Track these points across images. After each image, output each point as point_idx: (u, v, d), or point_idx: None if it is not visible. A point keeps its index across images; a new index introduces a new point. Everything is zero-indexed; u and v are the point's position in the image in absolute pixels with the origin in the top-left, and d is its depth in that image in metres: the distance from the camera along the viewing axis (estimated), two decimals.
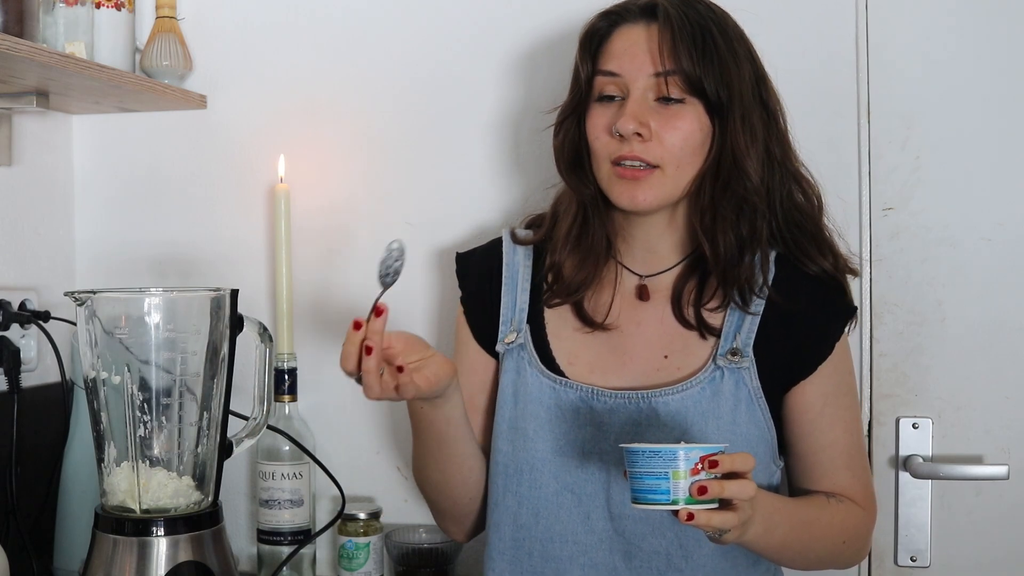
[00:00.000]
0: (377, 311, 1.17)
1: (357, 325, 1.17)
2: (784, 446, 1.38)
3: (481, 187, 1.69)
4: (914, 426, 1.58)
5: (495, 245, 1.47)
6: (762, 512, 1.18)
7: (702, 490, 1.10)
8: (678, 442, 1.13)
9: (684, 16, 1.29)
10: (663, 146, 1.28)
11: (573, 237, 1.39)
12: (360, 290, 1.73)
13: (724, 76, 1.28)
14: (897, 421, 1.58)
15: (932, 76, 1.56)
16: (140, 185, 1.81)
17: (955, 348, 1.57)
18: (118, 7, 1.65)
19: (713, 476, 1.11)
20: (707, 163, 1.31)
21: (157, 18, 1.72)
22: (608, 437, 1.33)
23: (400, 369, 1.17)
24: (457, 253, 1.51)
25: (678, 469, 1.10)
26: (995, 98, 1.55)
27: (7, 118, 1.63)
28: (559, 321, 1.40)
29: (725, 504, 1.12)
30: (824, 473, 1.36)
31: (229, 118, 1.77)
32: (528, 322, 1.40)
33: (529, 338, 1.40)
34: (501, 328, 1.42)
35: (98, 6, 1.63)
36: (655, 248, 1.38)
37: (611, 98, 1.32)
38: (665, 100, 1.29)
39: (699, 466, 1.10)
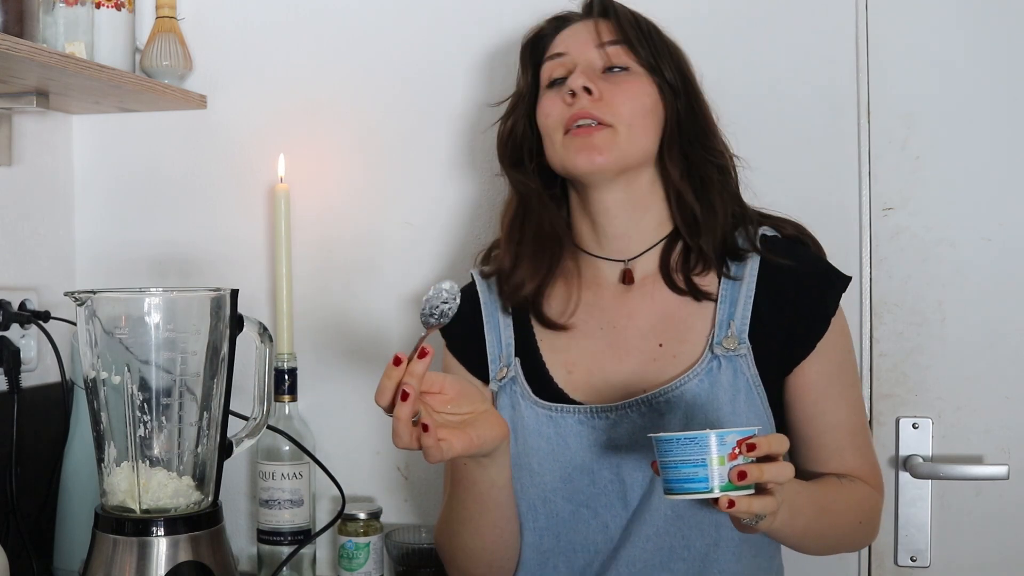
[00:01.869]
0: (421, 352, 1.09)
1: (397, 361, 1.09)
2: (787, 431, 1.36)
3: (482, 187, 1.69)
4: (914, 426, 1.58)
5: (470, 288, 1.44)
6: (787, 496, 1.16)
7: (742, 475, 1.06)
8: (703, 428, 1.09)
9: (624, 11, 1.38)
10: (613, 105, 1.32)
11: (516, 231, 1.39)
12: (361, 289, 1.73)
13: (664, 54, 1.35)
14: (897, 421, 1.58)
15: (932, 76, 1.56)
16: (140, 185, 1.81)
17: (955, 348, 1.57)
18: (118, 7, 1.65)
19: (750, 460, 1.07)
20: (667, 129, 1.35)
21: (157, 18, 1.72)
22: (617, 448, 1.31)
23: (425, 428, 1.09)
24: None
25: (716, 455, 1.06)
26: (995, 98, 1.55)
27: (7, 118, 1.63)
28: (551, 336, 1.38)
29: (760, 489, 1.09)
30: (831, 455, 1.34)
31: (229, 118, 1.77)
32: (517, 355, 1.39)
33: (519, 370, 1.38)
34: (491, 367, 1.40)
35: (98, 6, 1.63)
36: (630, 234, 1.37)
37: (561, 81, 1.35)
38: (610, 68, 1.34)
39: (736, 451, 1.07)
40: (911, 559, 1.58)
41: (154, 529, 1.28)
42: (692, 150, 1.35)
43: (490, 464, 1.23)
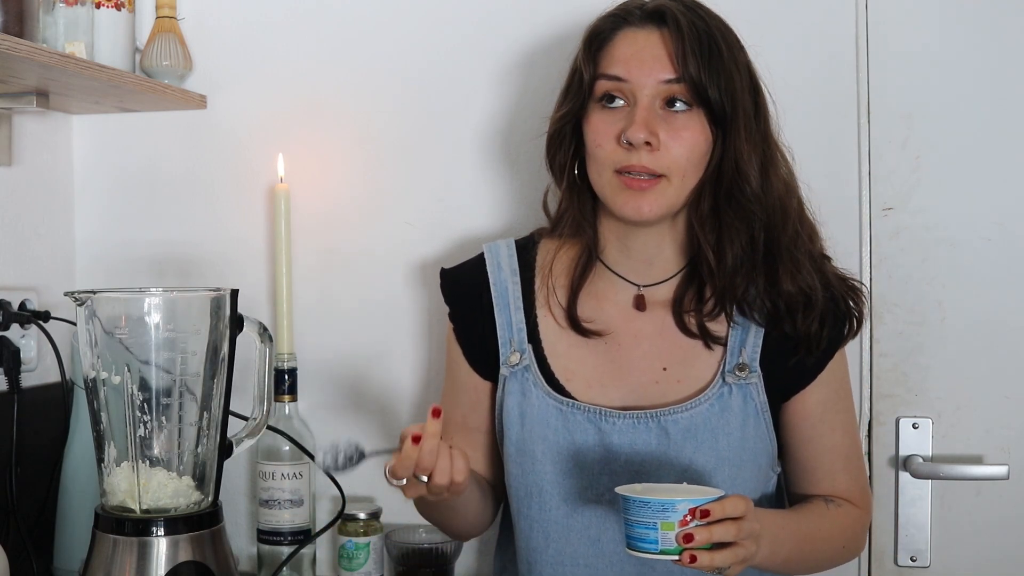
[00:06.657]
0: (435, 412, 1.15)
1: (416, 439, 1.15)
2: (781, 451, 1.38)
3: (481, 187, 1.69)
4: (914, 426, 1.58)
5: (479, 262, 1.44)
6: (768, 533, 1.19)
7: (688, 538, 1.10)
8: (680, 482, 1.12)
9: (692, 23, 1.27)
10: (670, 156, 1.26)
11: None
12: (361, 289, 1.73)
13: (728, 85, 1.26)
14: (897, 421, 1.58)
15: (932, 76, 1.56)
16: (140, 185, 1.81)
17: (955, 348, 1.57)
18: (118, 7, 1.65)
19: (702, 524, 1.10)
20: (707, 172, 1.29)
21: (157, 18, 1.72)
22: (618, 458, 1.32)
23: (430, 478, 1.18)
24: (442, 269, 1.48)
25: (667, 520, 1.10)
26: (995, 98, 1.55)
27: (7, 118, 1.63)
28: (554, 337, 1.38)
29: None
30: (823, 477, 1.37)
31: (229, 118, 1.77)
32: (529, 342, 1.38)
33: (533, 359, 1.37)
34: (501, 350, 1.39)
35: (98, 6, 1.63)
36: (653, 259, 1.36)
37: (612, 102, 1.29)
38: (671, 107, 1.27)
39: (688, 517, 1.10)
40: (911, 559, 1.58)
41: (154, 529, 1.28)
42: (725, 194, 1.29)
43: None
